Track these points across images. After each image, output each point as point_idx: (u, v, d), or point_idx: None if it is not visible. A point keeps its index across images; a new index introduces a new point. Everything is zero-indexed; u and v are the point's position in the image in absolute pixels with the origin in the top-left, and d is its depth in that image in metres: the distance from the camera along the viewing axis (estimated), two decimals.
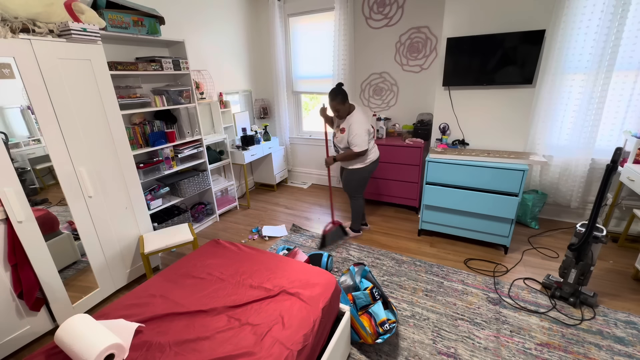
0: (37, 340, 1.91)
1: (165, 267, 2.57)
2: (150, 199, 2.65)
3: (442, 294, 2.17)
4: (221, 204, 3.59)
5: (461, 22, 2.61)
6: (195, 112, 2.93)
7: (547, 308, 2.01)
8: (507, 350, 1.73)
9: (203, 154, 3.11)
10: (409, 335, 1.85)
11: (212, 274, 1.72)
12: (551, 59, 2.62)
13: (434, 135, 3.04)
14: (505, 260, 2.52)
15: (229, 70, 3.72)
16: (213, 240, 2.09)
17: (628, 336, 1.78)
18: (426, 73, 3.33)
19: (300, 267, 1.75)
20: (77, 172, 1.96)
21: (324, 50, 3.75)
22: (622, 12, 2.33)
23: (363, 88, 3.74)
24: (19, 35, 1.63)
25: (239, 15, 3.74)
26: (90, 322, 1.27)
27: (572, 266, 1.98)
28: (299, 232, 3.13)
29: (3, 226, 1.69)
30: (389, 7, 3.29)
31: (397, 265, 2.51)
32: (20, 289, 1.75)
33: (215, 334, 1.31)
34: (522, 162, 2.39)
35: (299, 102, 4.31)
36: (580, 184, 2.83)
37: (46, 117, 1.79)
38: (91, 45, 1.95)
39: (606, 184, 1.79)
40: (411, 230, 3.08)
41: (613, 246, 2.65)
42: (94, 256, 2.13)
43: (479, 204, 2.49)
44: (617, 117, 2.65)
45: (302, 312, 1.41)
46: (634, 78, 2.49)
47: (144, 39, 2.46)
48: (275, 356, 1.18)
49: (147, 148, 2.57)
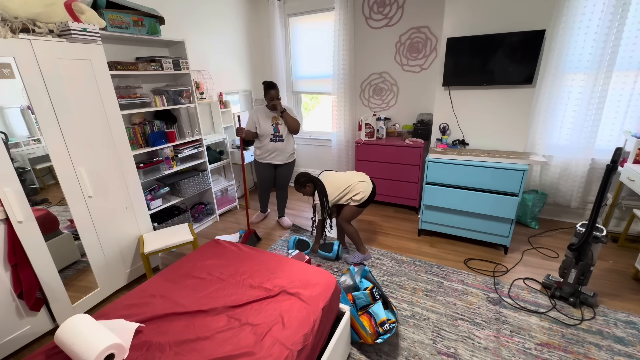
0: (37, 340, 1.91)
1: (165, 267, 2.57)
2: (150, 199, 2.65)
3: (442, 294, 2.17)
4: (221, 204, 3.59)
5: (461, 22, 2.61)
6: (195, 112, 2.93)
7: (547, 308, 2.01)
8: (507, 350, 1.73)
9: (203, 154, 3.11)
10: (409, 335, 1.85)
11: (212, 274, 1.72)
12: (551, 59, 2.62)
13: (434, 135, 3.04)
14: (505, 260, 2.52)
15: (229, 70, 3.72)
16: (213, 240, 2.09)
17: (628, 336, 1.78)
18: (426, 73, 3.33)
19: (300, 267, 1.75)
20: (77, 172, 1.96)
21: (324, 50, 3.75)
22: (622, 12, 2.33)
23: (363, 88, 3.74)
24: (19, 35, 1.63)
25: (239, 15, 3.74)
26: (90, 322, 1.27)
27: (572, 266, 1.98)
28: (299, 232, 3.13)
29: (3, 226, 1.69)
30: (389, 7, 3.29)
31: (397, 265, 2.51)
32: (20, 289, 1.75)
33: (215, 334, 1.31)
34: (522, 162, 2.39)
35: (299, 102, 4.31)
36: (580, 184, 2.83)
37: (46, 117, 1.78)
38: (91, 45, 1.95)
39: (606, 184, 1.79)
40: (411, 230, 3.08)
41: (613, 246, 2.65)
42: (94, 256, 2.13)
43: (479, 204, 2.49)
44: (617, 117, 2.65)
45: (302, 312, 1.41)
46: (634, 78, 2.49)
47: (144, 39, 2.46)
48: (275, 356, 1.18)
49: (147, 148, 2.57)
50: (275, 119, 2.91)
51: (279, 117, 2.91)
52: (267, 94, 2.81)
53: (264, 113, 2.91)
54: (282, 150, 2.98)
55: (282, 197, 3.30)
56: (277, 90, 2.83)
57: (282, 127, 2.93)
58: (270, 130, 2.91)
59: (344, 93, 3.65)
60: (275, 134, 2.92)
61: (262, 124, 2.90)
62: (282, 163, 3.06)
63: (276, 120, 2.91)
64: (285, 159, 3.04)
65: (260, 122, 2.90)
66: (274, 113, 2.91)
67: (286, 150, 3.01)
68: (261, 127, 2.90)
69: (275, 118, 2.91)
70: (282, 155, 3.01)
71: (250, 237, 2.89)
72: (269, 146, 2.95)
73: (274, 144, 2.95)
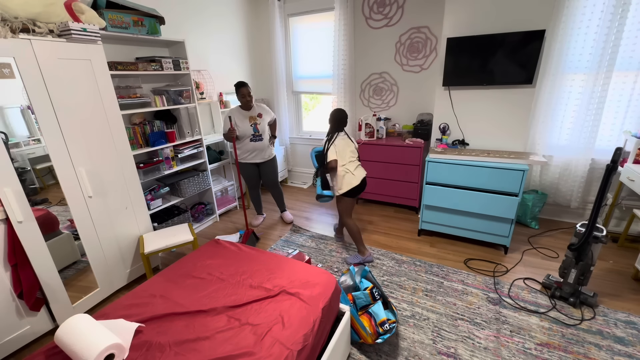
0: (37, 340, 1.91)
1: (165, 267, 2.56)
2: (150, 199, 2.65)
3: (442, 294, 2.17)
4: (221, 204, 3.59)
5: (461, 22, 2.61)
6: (195, 112, 2.93)
7: (547, 308, 2.01)
8: (507, 350, 1.73)
9: (203, 154, 3.10)
10: (409, 335, 1.85)
11: (212, 274, 1.72)
12: (551, 59, 2.62)
13: (434, 135, 3.04)
14: (505, 260, 2.52)
15: (229, 70, 3.72)
16: (213, 240, 2.09)
17: (628, 336, 1.78)
18: (426, 73, 3.33)
19: (300, 267, 1.75)
20: (77, 172, 1.96)
21: (324, 50, 3.75)
22: (622, 12, 2.32)
23: (363, 88, 3.74)
24: (19, 35, 1.63)
25: (239, 15, 3.74)
26: (90, 322, 1.27)
27: (572, 266, 1.98)
28: (299, 232, 3.13)
29: (3, 226, 1.69)
30: (389, 7, 3.29)
31: (397, 265, 2.51)
32: (20, 289, 1.75)
33: (215, 334, 1.31)
34: (522, 162, 2.39)
35: (299, 102, 4.31)
36: (580, 184, 2.83)
37: (46, 117, 1.78)
38: (91, 45, 1.95)
39: (606, 184, 1.79)
40: (411, 230, 3.08)
41: (613, 246, 2.65)
42: (94, 256, 2.13)
43: (479, 204, 2.49)
44: (617, 117, 2.65)
45: (302, 312, 1.41)
46: (634, 78, 2.49)
47: (144, 39, 2.46)
48: (275, 356, 1.18)
49: (147, 148, 2.57)
50: (253, 118, 2.90)
51: (257, 117, 2.92)
52: (239, 93, 2.79)
53: (239, 114, 2.88)
54: (261, 149, 2.99)
55: (278, 194, 3.31)
56: (249, 88, 2.82)
57: (260, 126, 2.93)
58: (249, 131, 2.89)
59: (344, 93, 3.65)
60: (255, 134, 2.92)
61: (241, 125, 2.87)
62: (263, 161, 3.07)
63: (254, 120, 2.91)
64: (265, 157, 3.05)
65: (238, 123, 2.87)
66: (250, 113, 2.91)
67: (265, 149, 3.02)
68: (240, 128, 2.87)
69: (252, 118, 2.90)
70: (262, 154, 3.02)
71: (250, 237, 2.89)
72: (249, 146, 2.94)
73: (254, 144, 2.94)
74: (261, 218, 3.40)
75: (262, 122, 2.95)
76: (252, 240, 2.91)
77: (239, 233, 2.98)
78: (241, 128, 2.87)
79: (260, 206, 3.39)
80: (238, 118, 2.87)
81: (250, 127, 2.89)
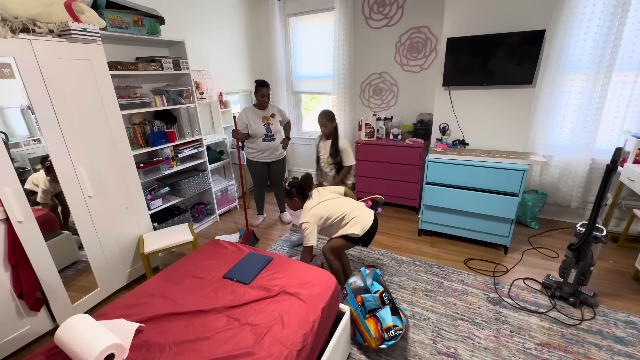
0: (37, 340, 1.91)
1: (165, 267, 2.57)
2: (150, 199, 2.65)
3: (442, 294, 2.17)
4: (221, 204, 3.59)
5: (461, 22, 2.61)
6: (195, 112, 2.93)
7: (547, 308, 2.01)
8: (507, 350, 1.73)
9: (203, 154, 3.10)
10: (409, 335, 1.85)
11: (212, 274, 1.72)
12: (551, 59, 2.62)
13: (434, 135, 3.04)
14: (505, 260, 2.52)
15: (229, 70, 3.72)
16: (213, 240, 2.09)
17: (628, 336, 1.78)
18: (426, 73, 3.33)
19: (300, 267, 1.75)
20: (77, 172, 1.96)
21: (324, 50, 3.75)
22: (622, 12, 2.32)
23: (363, 88, 3.74)
24: (19, 35, 1.63)
25: (239, 15, 3.74)
26: (90, 322, 1.27)
27: (572, 266, 1.97)
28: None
29: (3, 226, 1.69)
30: (389, 7, 3.29)
31: (397, 265, 2.51)
32: (20, 289, 1.75)
33: (214, 334, 1.31)
34: (522, 162, 2.39)
35: (299, 102, 4.31)
36: (580, 184, 2.83)
37: (46, 117, 1.78)
38: (91, 45, 1.95)
39: (606, 184, 1.79)
40: (411, 230, 3.07)
41: (613, 246, 2.65)
42: (94, 256, 2.13)
43: (479, 204, 2.49)
44: (617, 117, 2.65)
45: (302, 311, 1.41)
46: (634, 78, 2.49)
47: (144, 39, 2.46)
48: (275, 356, 1.18)
49: (147, 148, 2.57)
50: (266, 118, 2.94)
51: (270, 117, 2.95)
52: (259, 91, 2.83)
53: (253, 113, 2.91)
54: (274, 148, 3.03)
55: (280, 193, 3.32)
56: (269, 89, 2.87)
57: (273, 126, 2.96)
58: (262, 131, 2.92)
59: (344, 93, 3.65)
60: (268, 133, 2.95)
61: (254, 124, 2.89)
62: (274, 160, 3.11)
63: (267, 120, 2.93)
64: (277, 156, 3.10)
65: (252, 122, 2.89)
66: (264, 112, 2.93)
67: (277, 148, 3.06)
68: (253, 127, 2.89)
69: (266, 118, 2.93)
70: (275, 154, 3.06)
71: (250, 237, 2.89)
72: (262, 146, 2.97)
73: (267, 144, 2.97)
74: (261, 218, 3.41)
75: (275, 123, 2.98)
76: (252, 240, 2.91)
77: (239, 233, 2.98)
78: (254, 127, 2.90)
79: (262, 206, 3.40)
80: (251, 117, 2.90)
81: (263, 126, 2.91)
